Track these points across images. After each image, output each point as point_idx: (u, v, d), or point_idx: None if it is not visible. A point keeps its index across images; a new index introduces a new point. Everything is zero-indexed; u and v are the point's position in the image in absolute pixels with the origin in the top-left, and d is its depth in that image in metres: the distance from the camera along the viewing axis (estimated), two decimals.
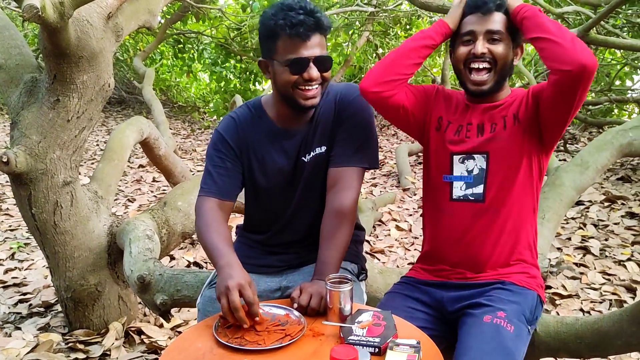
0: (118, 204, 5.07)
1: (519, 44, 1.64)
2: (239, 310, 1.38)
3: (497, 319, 1.48)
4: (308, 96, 1.60)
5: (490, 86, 1.61)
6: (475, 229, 1.64)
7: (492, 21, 1.58)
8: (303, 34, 1.54)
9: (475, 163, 1.64)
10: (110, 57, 2.52)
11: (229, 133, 1.74)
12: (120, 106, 11.14)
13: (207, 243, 1.61)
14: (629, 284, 3.17)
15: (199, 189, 1.74)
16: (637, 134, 3.52)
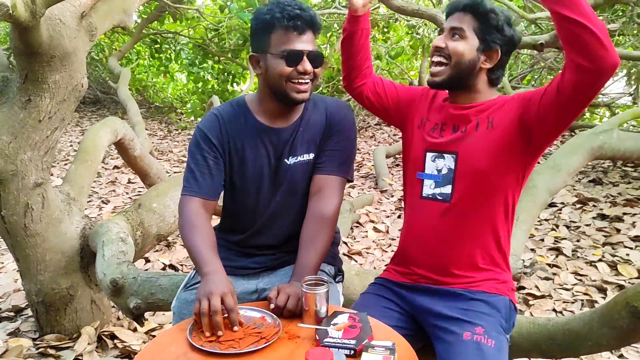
0: (92, 205, 5.00)
1: (490, 49, 1.61)
2: (218, 314, 1.37)
3: (476, 336, 1.48)
4: (300, 90, 1.63)
5: (444, 79, 1.63)
6: (441, 229, 1.64)
7: (457, 19, 1.61)
8: (300, 27, 1.59)
9: (445, 163, 1.64)
10: (84, 56, 2.48)
11: (212, 130, 1.73)
12: (95, 106, 10.98)
13: (191, 247, 1.60)
14: (600, 285, 3.23)
15: (182, 187, 1.72)
16: (608, 137, 3.60)
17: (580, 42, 1.31)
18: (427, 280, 1.68)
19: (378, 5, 6.84)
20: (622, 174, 5.38)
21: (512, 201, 1.65)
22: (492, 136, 1.58)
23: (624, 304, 1.53)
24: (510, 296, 1.65)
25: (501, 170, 1.59)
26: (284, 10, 1.58)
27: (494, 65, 1.63)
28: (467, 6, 1.59)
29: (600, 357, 2.52)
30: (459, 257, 1.64)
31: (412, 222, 1.74)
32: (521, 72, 7.55)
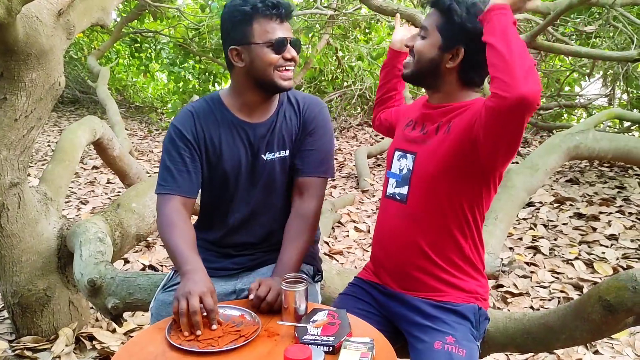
0: (70, 206, 4.94)
1: (453, 47, 1.53)
2: (197, 313, 1.37)
3: (447, 345, 1.48)
4: (287, 77, 1.66)
5: (408, 72, 1.64)
6: (398, 231, 1.63)
7: (427, 17, 1.59)
8: (282, 14, 1.61)
9: (406, 162, 1.64)
10: (61, 55, 2.45)
11: (186, 126, 1.71)
12: (74, 106, 10.85)
13: (171, 246, 1.59)
14: (577, 282, 3.28)
15: (158, 185, 1.70)
16: (584, 138, 3.67)
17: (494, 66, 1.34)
18: (392, 282, 1.68)
19: (360, 6, 6.86)
20: (599, 174, 5.47)
21: (471, 210, 1.58)
22: (447, 141, 1.53)
23: (597, 298, 1.56)
24: (480, 303, 1.63)
25: (453, 177, 1.53)
26: (263, 1, 1.58)
27: (464, 64, 1.54)
28: (435, 3, 1.56)
29: (576, 353, 2.56)
30: (417, 262, 1.61)
31: (378, 221, 1.76)
32: None
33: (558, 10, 3.12)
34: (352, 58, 8.58)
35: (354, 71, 8.61)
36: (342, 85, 8.88)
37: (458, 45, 1.52)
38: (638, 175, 5.38)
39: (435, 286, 1.62)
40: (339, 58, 8.60)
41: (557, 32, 5.02)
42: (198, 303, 1.38)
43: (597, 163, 5.80)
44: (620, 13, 4.00)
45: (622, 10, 4.00)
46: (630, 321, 1.62)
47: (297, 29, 6.98)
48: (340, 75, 8.82)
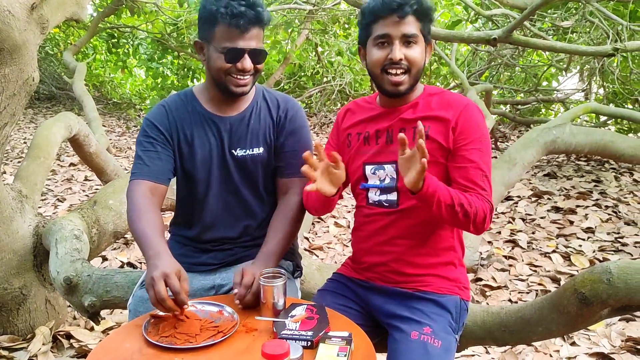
0: (47, 204, 4.86)
1: (429, 42, 1.62)
2: (165, 300, 1.34)
3: (424, 336, 1.49)
4: (239, 84, 1.65)
5: (407, 88, 1.58)
6: (389, 234, 1.64)
7: (407, 24, 1.54)
8: (242, 25, 1.57)
9: (386, 172, 1.63)
10: (35, 49, 2.41)
11: (158, 119, 1.73)
12: (50, 102, 10.69)
13: (137, 232, 1.56)
14: (554, 275, 3.33)
15: (130, 175, 1.70)
16: (561, 132, 3.71)
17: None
18: (377, 278, 1.69)
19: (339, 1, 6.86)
20: (576, 168, 5.55)
21: None
22: (427, 146, 1.47)
23: (573, 291, 1.58)
24: (462, 295, 1.65)
25: (442, 176, 1.58)
26: (229, 6, 1.55)
27: None
28: (416, 11, 1.54)
29: (553, 345, 2.60)
30: (407, 257, 1.64)
31: (361, 226, 1.74)
32: (479, 68, 7.70)
33: (534, 5, 3.16)
34: (331, 53, 8.58)
35: (333, 66, 8.61)
36: (321, 81, 8.88)
37: (431, 40, 1.63)
38: (614, 168, 5.48)
39: (420, 278, 1.64)
40: (318, 53, 8.60)
41: (534, 27, 5.07)
42: (164, 288, 1.35)
43: (574, 157, 5.89)
44: (596, 8, 4.05)
45: (598, 5, 4.06)
46: (605, 313, 1.65)
47: (276, 24, 6.96)
48: (320, 71, 8.81)
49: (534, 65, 7.60)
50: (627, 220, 4.13)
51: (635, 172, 5.30)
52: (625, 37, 4.15)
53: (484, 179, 1.54)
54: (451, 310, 1.60)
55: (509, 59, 7.07)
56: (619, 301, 1.53)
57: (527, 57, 7.67)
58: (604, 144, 4.11)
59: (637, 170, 5.36)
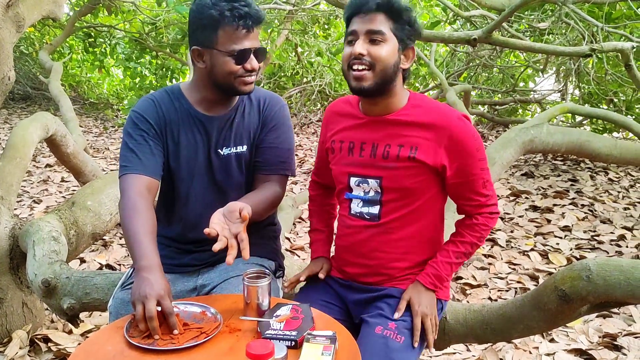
0: (22, 205, 4.77)
1: (408, 47, 1.56)
2: (154, 320, 1.32)
3: (387, 331, 1.50)
4: (247, 82, 1.64)
5: (371, 85, 1.52)
6: (370, 246, 1.64)
7: (373, 21, 1.50)
8: (250, 26, 1.57)
9: (370, 186, 1.62)
10: (10, 48, 2.37)
11: (148, 112, 1.69)
12: (26, 102, 10.51)
13: (130, 233, 1.52)
14: (532, 273, 3.37)
15: (120, 168, 1.64)
16: (538, 132, 3.76)
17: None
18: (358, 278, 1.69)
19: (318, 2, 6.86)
20: (552, 167, 5.63)
21: (441, 210, 1.69)
22: (415, 166, 1.56)
23: (553, 288, 1.60)
24: (440, 294, 1.66)
25: (426, 190, 1.60)
26: (234, 9, 1.55)
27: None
28: (381, 5, 1.50)
29: (532, 342, 2.64)
30: (388, 264, 1.65)
31: (343, 235, 1.72)
32: (458, 69, 7.77)
33: (512, 7, 3.20)
34: (311, 54, 8.58)
35: (313, 67, 8.61)
36: (301, 81, 8.86)
37: (411, 45, 1.57)
38: (590, 168, 5.57)
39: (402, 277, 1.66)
40: (298, 54, 8.59)
41: (511, 29, 5.14)
42: (155, 307, 1.33)
43: (550, 157, 5.97)
44: (572, 10, 4.12)
45: (574, 7, 4.12)
46: (584, 310, 1.68)
47: None
48: (300, 71, 8.80)
49: (512, 66, 7.70)
50: (603, 219, 4.21)
51: (610, 172, 5.40)
52: (600, 39, 4.22)
53: (485, 184, 1.60)
54: None
55: (487, 60, 7.15)
56: (598, 298, 1.56)
57: (505, 58, 7.77)
58: (580, 144, 4.17)
59: (612, 169, 5.47)
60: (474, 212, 1.63)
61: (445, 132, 1.53)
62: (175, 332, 1.34)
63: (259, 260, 1.79)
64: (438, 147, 1.54)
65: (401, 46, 1.54)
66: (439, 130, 1.53)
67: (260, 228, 1.82)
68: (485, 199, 1.61)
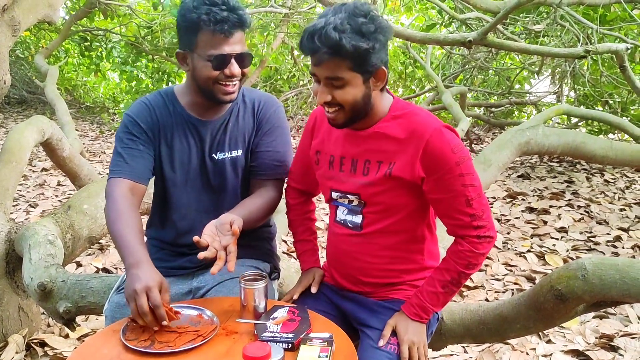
0: (18, 209, 4.76)
1: (375, 71, 1.44)
2: (147, 315, 1.32)
3: (390, 345, 1.50)
4: (228, 91, 1.61)
5: (345, 121, 1.49)
6: (353, 255, 1.63)
7: (329, 68, 1.40)
8: (227, 30, 1.53)
9: (351, 200, 1.59)
10: (6, 52, 2.37)
11: (141, 116, 1.68)
12: (21, 107, 10.49)
13: (116, 235, 1.52)
14: (529, 274, 3.38)
15: (109, 172, 1.65)
16: (534, 134, 3.77)
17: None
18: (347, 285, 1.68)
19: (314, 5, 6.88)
20: (548, 169, 5.65)
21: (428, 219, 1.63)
22: (393, 183, 1.51)
23: (549, 287, 1.61)
24: None
25: (407, 204, 1.55)
26: (211, 12, 1.51)
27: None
28: (333, 52, 1.37)
29: (529, 343, 2.64)
30: (375, 273, 1.63)
31: (330, 242, 1.72)
32: (453, 71, 7.79)
33: (507, 8, 3.21)
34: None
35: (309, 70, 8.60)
36: (298, 84, 8.87)
37: (379, 66, 1.44)
38: (586, 169, 5.59)
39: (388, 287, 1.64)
40: (294, 57, 8.60)
41: (507, 31, 5.16)
42: (146, 302, 1.32)
43: (546, 158, 5.99)
44: (567, 12, 4.14)
45: (569, 9, 4.14)
46: (580, 309, 1.68)
47: (252, 28, 6.94)
48: (296, 74, 8.81)
49: (507, 69, 7.72)
50: (599, 220, 4.22)
51: (606, 173, 5.42)
52: (595, 41, 4.23)
53: (471, 203, 1.47)
54: None
55: (482, 62, 7.17)
56: (594, 297, 1.57)
57: (500, 61, 7.79)
58: (576, 145, 4.18)
59: (608, 170, 5.49)
60: (459, 233, 1.51)
61: (420, 144, 1.46)
62: (164, 323, 1.33)
63: (254, 262, 1.79)
64: (414, 161, 1.47)
65: (366, 77, 1.43)
66: (415, 142, 1.47)
67: (255, 229, 1.81)
68: (470, 218, 1.47)
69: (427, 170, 1.46)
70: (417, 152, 1.46)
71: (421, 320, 1.54)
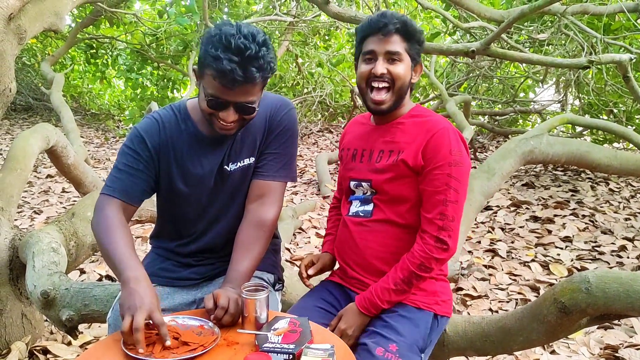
0: (23, 216, 4.78)
1: (418, 63, 1.71)
2: (139, 331, 1.30)
3: (388, 353, 1.50)
4: (224, 128, 1.56)
5: (389, 105, 1.67)
6: (361, 241, 1.71)
7: (391, 42, 1.64)
8: (227, 83, 1.45)
9: (363, 189, 1.75)
10: (12, 60, 2.38)
11: (150, 134, 1.65)
12: (27, 113, 10.54)
13: (108, 248, 1.51)
14: (533, 284, 3.36)
15: (104, 185, 1.65)
16: (538, 142, 3.76)
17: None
18: (356, 285, 1.72)
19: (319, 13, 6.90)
20: (553, 178, 5.63)
21: None
22: (399, 169, 1.65)
23: (552, 300, 1.60)
24: (437, 310, 1.67)
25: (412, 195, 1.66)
26: (218, 60, 1.42)
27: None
28: (399, 29, 1.63)
29: (533, 354, 2.62)
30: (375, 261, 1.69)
31: (341, 235, 1.81)
32: (458, 80, 7.79)
33: (511, 18, 3.21)
34: (312, 64, 8.62)
35: (314, 78, 8.65)
36: (302, 92, 8.90)
37: (420, 60, 1.71)
38: (590, 178, 5.57)
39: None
40: (299, 65, 8.63)
41: (511, 40, 5.16)
42: (143, 320, 1.32)
43: (551, 167, 5.97)
44: (571, 21, 4.14)
45: (573, 18, 4.14)
46: (584, 322, 1.67)
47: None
48: (301, 82, 8.84)
49: (511, 77, 7.72)
50: (604, 229, 4.20)
51: (610, 182, 5.40)
52: (599, 50, 4.24)
53: (447, 205, 1.57)
54: (421, 328, 1.61)
55: (486, 71, 7.18)
56: (598, 310, 1.56)
57: (505, 69, 7.79)
58: (580, 154, 4.17)
59: (613, 180, 5.47)
60: (424, 227, 1.60)
61: (427, 136, 1.62)
62: (167, 343, 1.33)
63: (259, 273, 1.78)
64: (418, 150, 1.62)
65: (413, 63, 1.68)
66: (423, 135, 1.63)
67: None
68: (440, 216, 1.58)
69: (425, 160, 1.61)
70: (422, 143, 1.62)
71: (368, 314, 1.62)
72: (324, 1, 3.38)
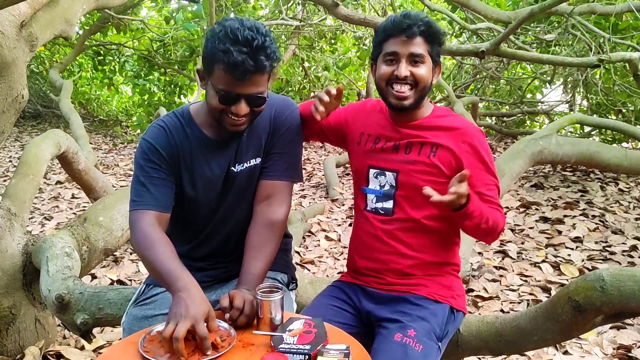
0: (34, 222, 4.81)
1: (438, 64, 1.70)
2: (179, 341, 1.30)
3: (406, 338, 1.52)
4: (235, 124, 1.58)
5: (412, 103, 1.65)
6: (384, 240, 1.70)
7: (415, 44, 1.62)
8: (238, 75, 1.48)
9: (387, 179, 1.71)
10: (24, 67, 2.41)
11: (160, 142, 1.66)
12: (36, 120, 10.62)
13: (155, 263, 1.51)
14: (544, 284, 3.35)
15: (131, 202, 1.63)
16: (547, 143, 3.76)
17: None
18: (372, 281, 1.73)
19: (325, 17, 6.93)
20: (562, 178, 5.61)
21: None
22: (431, 169, 1.66)
23: (566, 299, 1.59)
24: (453, 303, 1.69)
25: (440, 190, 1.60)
26: (228, 52, 1.45)
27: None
28: (423, 31, 1.62)
29: (546, 354, 2.61)
30: (402, 264, 1.69)
31: (358, 231, 1.80)
32: (465, 81, 7.79)
33: (520, 19, 3.21)
34: (318, 68, 8.64)
35: (320, 81, 8.66)
36: (309, 96, 8.92)
37: (440, 62, 1.72)
38: (600, 178, 5.54)
39: (414, 282, 1.68)
40: (305, 68, 8.65)
41: (518, 41, 5.16)
42: (185, 330, 1.31)
43: (560, 168, 5.95)
44: (579, 21, 4.13)
45: (580, 18, 4.14)
46: (598, 320, 1.67)
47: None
48: (307, 86, 8.86)
49: (519, 78, 7.71)
50: (614, 229, 4.18)
51: (620, 182, 5.37)
52: (607, 50, 4.23)
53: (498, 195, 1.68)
54: (439, 317, 1.63)
55: (493, 72, 7.17)
56: (613, 308, 1.55)
57: (512, 70, 7.78)
58: (589, 155, 4.16)
59: (623, 179, 5.44)
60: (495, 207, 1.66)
61: (466, 137, 1.66)
62: (208, 353, 1.33)
63: (272, 273, 1.78)
64: (451, 159, 1.64)
65: (434, 65, 1.68)
66: (460, 134, 1.66)
67: None
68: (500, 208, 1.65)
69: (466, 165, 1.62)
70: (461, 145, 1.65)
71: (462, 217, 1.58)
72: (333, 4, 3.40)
